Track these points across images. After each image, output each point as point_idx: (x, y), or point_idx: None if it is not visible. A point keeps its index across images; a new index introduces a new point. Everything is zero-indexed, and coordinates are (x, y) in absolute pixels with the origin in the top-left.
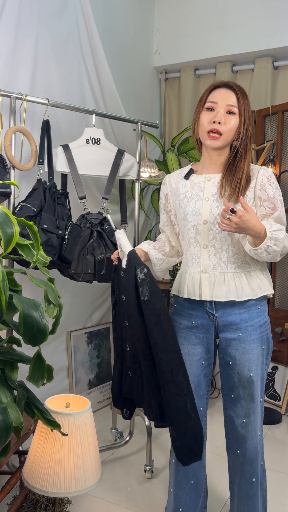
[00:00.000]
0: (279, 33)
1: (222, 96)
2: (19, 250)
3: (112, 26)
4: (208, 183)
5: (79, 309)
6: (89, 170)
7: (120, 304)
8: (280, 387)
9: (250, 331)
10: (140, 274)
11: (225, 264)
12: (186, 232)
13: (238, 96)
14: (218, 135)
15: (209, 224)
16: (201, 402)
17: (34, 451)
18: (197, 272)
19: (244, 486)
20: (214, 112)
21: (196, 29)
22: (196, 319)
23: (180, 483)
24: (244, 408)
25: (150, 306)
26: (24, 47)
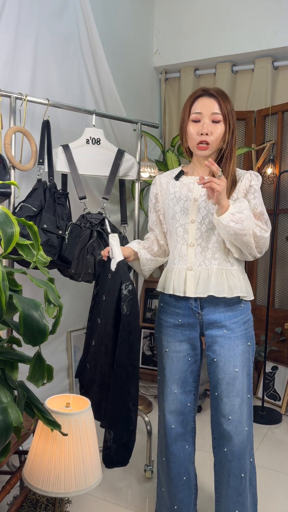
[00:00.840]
0: (279, 33)
1: (205, 106)
2: (19, 250)
3: (112, 26)
4: (197, 185)
5: (79, 309)
6: (89, 170)
7: (98, 301)
8: (280, 387)
9: (235, 328)
10: (124, 290)
11: (209, 261)
12: (174, 230)
13: (220, 103)
14: (206, 145)
15: (197, 223)
16: (187, 398)
17: (34, 451)
18: (183, 270)
19: (233, 482)
20: (200, 123)
21: (196, 29)
22: (182, 317)
23: (173, 480)
24: (229, 405)
25: (125, 321)
26: (24, 47)
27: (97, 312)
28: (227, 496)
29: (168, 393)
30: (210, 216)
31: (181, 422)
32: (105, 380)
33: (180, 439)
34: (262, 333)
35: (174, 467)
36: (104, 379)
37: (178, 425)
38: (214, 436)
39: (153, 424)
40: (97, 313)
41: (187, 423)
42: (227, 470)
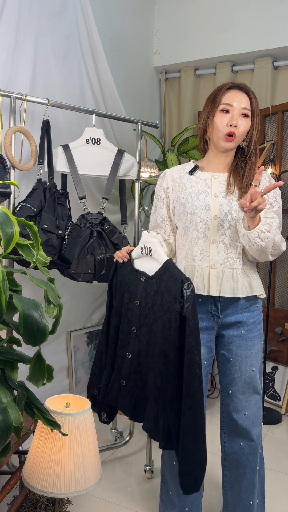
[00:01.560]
0: (279, 33)
1: (237, 99)
2: (19, 250)
3: (112, 26)
4: (215, 181)
5: (79, 309)
6: (89, 170)
7: (126, 308)
8: (280, 387)
9: (252, 328)
10: (188, 290)
11: (233, 260)
12: (194, 226)
13: (251, 99)
14: (233, 137)
15: (219, 219)
16: None
17: (34, 451)
18: (205, 267)
19: (249, 475)
20: (230, 114)
21: (196, 29)
22: (201, 321)
23: None
24: (245, 401)
25: (191, 324)
26: (24, 47)
27: (125, 321)
28: (241, 488)
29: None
30: (232, 213)
31: None
32: (163, 393)
33: None
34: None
35: None
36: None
37: None
38: (225, 432)
39: None
40: (127, 322)
41: None
42: (243, 464)
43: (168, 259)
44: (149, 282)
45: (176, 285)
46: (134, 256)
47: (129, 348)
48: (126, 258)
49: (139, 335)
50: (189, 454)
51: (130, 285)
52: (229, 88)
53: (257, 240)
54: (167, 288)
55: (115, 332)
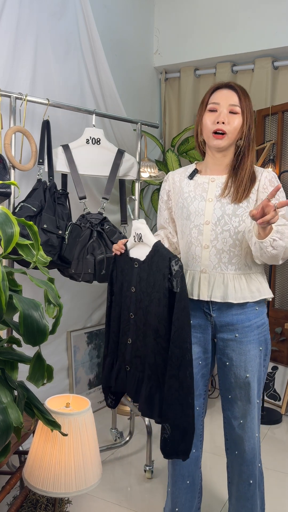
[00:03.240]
0: (279, 33)
1: (224, 97)
2: (19, 250)
3: (112, 26)
4: (212, 184)
5: (79, 309)
6: (89, 170)
7: (124, 297)
8: (280, 387)
9: (247, 332)
10: (175, 266)
11: (225, 265)
12: (188, 231)
13: (240, 96)
14: (222, 135)
15: (212, 224)
16: (197, 402)
17: (34, 451)
18: (197, 272)
19: (242, 487)
20: (217, 112)
21: (196, 29)
22: (194, 319)
23: (176, 482)
24: (241, 409)
25: (180, 298)
26: (24, 47)
27: (124, 309)
28: (236, 498)
29: None
30: (225, 218)
31: None
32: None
33: None
34: None
35: (178, 469)
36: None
37: None
38: (227, 438)
39: (153, 424)
40: (126, 309)
41: (196, 427)
42: (237, 474)
43: (157, 241)
44: (141, 267)
45: (164, 263)
46: (129, 246)
47: (130, 334)
48: (122, 249)
49: (136, 320)
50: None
51: (127, 274)
52: (217, 88)
53: (269, 249)
54: (158, 268)
55: (117, 321)
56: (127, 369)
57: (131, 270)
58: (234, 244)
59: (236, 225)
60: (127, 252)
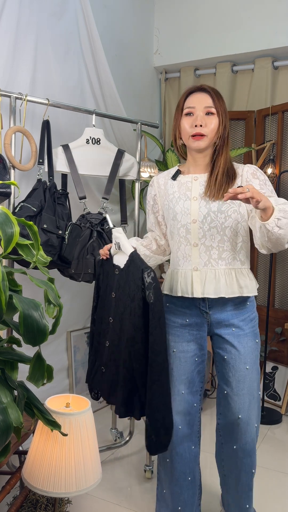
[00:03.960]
0: (279, 33)
1: (198, 100)
2: (19, 250)
3: (112, 26)
4: (195, 183)
5: (79, 309)
6: (89, 170)
7: (107, 300)
8: (280, 387)
9: (243, 325)
10: (147, 278)
11: (215, 261)
12: (176, 231)
13: (214, 97)
14: (201, 136)
15: (199, 222)
16: (194, 398)
17: (34, 451)
18: (188, 270)
19: (245, 478)
20: (194, 116)
21: (196, 29)
22: (190, 317)
23: (178, 480)
24: (239, 403)
25: (154, 309)
26: (24, 47)
27: (105, 312)
28: (237, 491)
29: (176, 394)
30: (211, 215)
31: (187, 423)
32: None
33: (186, 440)
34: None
35: (179, 467)
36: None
37: (184, 426)
38: (220, 434)
39: None
40: (106, 313)
41: (193, 424)
42: (237, 467)
43: (133, 251)
44: (121, 274)
45: (138, 274)
46: (112, 253)
47: (108, 337)
48: (106, 255)
49: (114, 324)
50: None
51: (110, 279)
52: (191, 92)
53: (276, 229)
54: (133, 277)
55: (99, 323)
56: (102, 370)
57: (113, 276)
58: (222, 239)
59: (222, 221)
60: (112, 257)
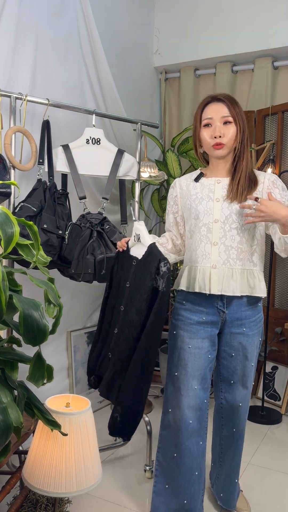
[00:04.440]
0: (279, 33)
1: (215, 111)
2: (19, 250)
3: (112, 26)
4: (218, 185)
5: (79, 309)
6: (89, 170)
7: (119, 290)
8: (280, 387)
9: (252, 326)
10: (163, 267)
11: (233, 261)
12: (197, 230)
13: (229, 106)
14: (221, 145)
15: (220, 223)
16: (205, 395)
17: (35, 451)
18: (207, 268)
19: (237, 458)
20: (212, 127)
21: (196, 29)
22: (206, 315)
23: (186, 475)
24: (242, 394)
25: (162, 298)
26: (24, 47)
27: (117, 301)
28: (230, 467)
29: (189, 389)
30: (233, 216)
31: (198, 418)
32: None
33: (195, 435)
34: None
35: (188, 461)
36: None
37: (195, 421)
38: (222, 416)
39: (153, 424)
40: (118, 302)
41: (202, 419)
42: (234, 448)
43: (152, 243)
44: (138, 264)
45: (154, 263)
46: (130, 245)
47: (117, 325)
48: (124, 247)
49: (124, 313)
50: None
51: (126, 270)
52: (207, 103)
53: None
54: (149, 267)
55: (110, 312)
56: (109, 356)
57: (129, 267)
58: (241, 241)
59: (242, 223)
60: (128, 250)
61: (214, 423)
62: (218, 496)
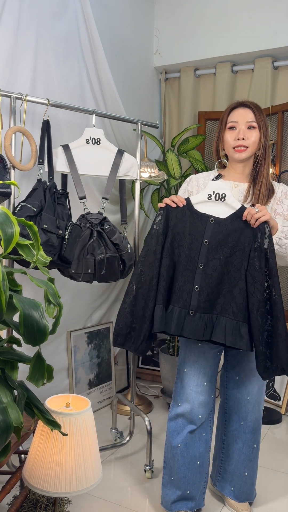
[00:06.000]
0: (279, 33)
1: (241, 115)
2: (19, 250)
3: (112, 26)
4: (235, 190)
5: (79, 309)
6: (89, 170)
7: (190, 249)
8: (280, 387)
9: None
10: (267, 229)
11: None
12: None
13: (255, 112)
14: (243, 148)
15: None
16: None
17: (35, 451)
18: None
19: (246, 451)
20: (236, 130)
21: (196, 29)
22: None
23: (189, 464)
24: (250, 387)
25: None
26: (24, 47)
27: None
28: (238, 461)
29: (198, 385)
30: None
31: (206, 413)
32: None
33: (201, 428)
34: None
35: (192, 451)
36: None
37: (204, 416)
38: (226, 411)
39: (153, 424)
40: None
41: (209, 413)
42: (241, 441)
43: (242, 206)
44: (221, 223)
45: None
46: (196, 201)
47: (196, 282)
48: (183, 202)
49: (206, 270)
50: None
51: (191, 228)
52: (235, 108)
53: (276, 247)
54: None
55: (167, 271)
56: (191, 313)
57: (202, 225)
58: None
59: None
60: (190, 207)
61: (217, 418)
62: (227, 491)
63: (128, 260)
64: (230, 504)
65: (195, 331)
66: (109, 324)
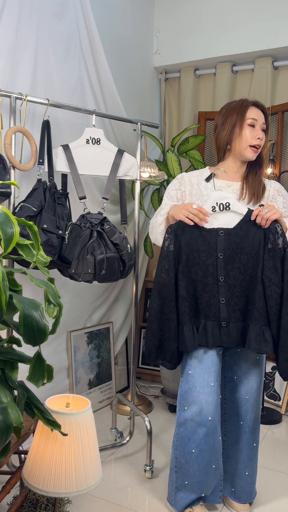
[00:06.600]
0: (279, 33)
1: (259, 115)
2: (19, 250)
3: (112, 26)
4: (228, 189)
5: (79, 309)
6: (89, 170)
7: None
8: (280, 387)
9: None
10: (278, 228)
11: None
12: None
13: (266, 116)
14: (258, 148)
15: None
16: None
17: (35, 451)
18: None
19: (246, 450)
20: (255, 128)
21: (196, 29)
22: None
23: (205, 469)
24: (248, 387)
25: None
26: (24, 47)
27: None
28: (238, 461)
29: (205, 386)
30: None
31: (216, 414)
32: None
33: (215, 431)
34: None
35: (207, 456)
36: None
37: (214, 417)
38: (225, 412)
39: (153, 424)
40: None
41: (218, 414)
42: (241, 440)
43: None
44: (231, 233)
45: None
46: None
47: (221, 294)
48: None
49: (228, 281)
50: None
51: (203, 244)
52: (251, 105)
53: None
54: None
55: (187, 291)
56: (223, 325)
57: (212, 240)
58: None
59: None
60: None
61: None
62: (228, 492)
63: (128, 260)
64: (231, 505)
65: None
66: (109, 324)
